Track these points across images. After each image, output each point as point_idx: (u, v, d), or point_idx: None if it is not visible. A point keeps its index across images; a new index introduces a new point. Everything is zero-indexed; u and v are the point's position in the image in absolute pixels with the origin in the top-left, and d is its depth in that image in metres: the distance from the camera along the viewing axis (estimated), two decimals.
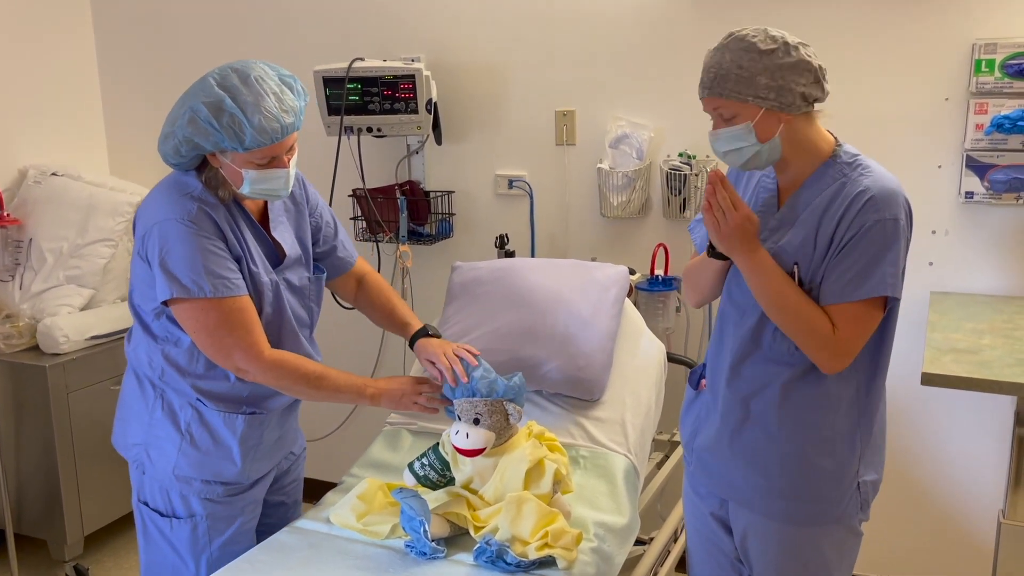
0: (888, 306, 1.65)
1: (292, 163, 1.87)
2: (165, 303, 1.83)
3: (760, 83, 1.59)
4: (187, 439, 1.93)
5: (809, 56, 1.61)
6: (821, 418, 1.69)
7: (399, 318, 2.19)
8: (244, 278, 1.88)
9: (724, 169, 1.80)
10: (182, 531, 1.97)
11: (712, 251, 1.75)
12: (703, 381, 1.89)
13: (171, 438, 1.93)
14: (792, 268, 1.65)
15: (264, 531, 2.09)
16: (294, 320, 2.01)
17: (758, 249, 1.65)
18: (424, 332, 2.12)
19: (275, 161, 1.83)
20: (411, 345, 2.13)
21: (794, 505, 1.72)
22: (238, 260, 1.88)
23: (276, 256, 1.99)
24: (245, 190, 1.83)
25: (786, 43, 1.60)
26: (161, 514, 1.98)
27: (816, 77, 1.62)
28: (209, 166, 1.86)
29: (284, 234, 2.01)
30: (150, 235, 1.81)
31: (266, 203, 2.00)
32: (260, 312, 1.92)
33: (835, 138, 1.72)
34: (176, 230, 1.79)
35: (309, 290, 2.07)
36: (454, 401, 1.97)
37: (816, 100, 1.64)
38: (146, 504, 2.00)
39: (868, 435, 1.72)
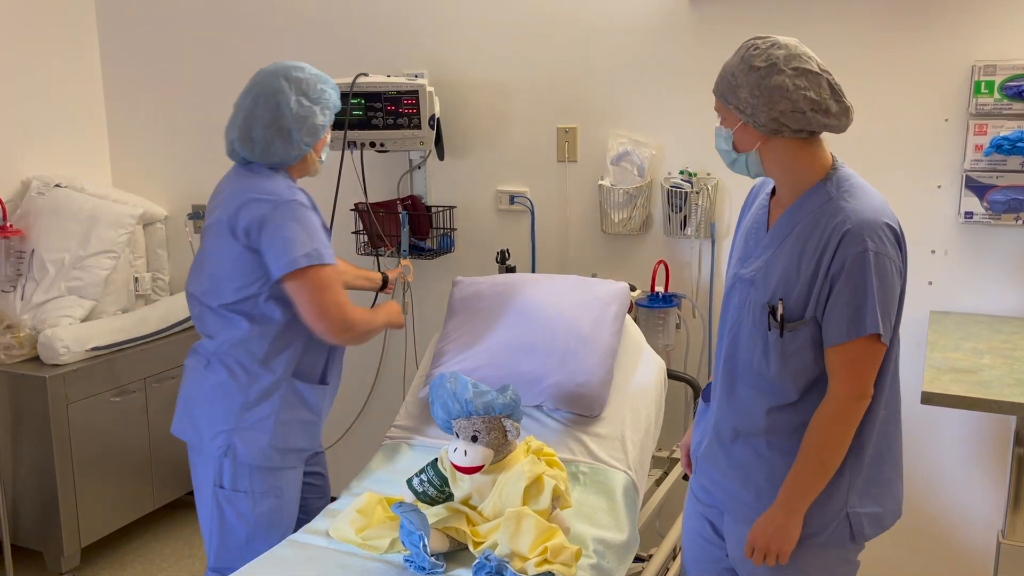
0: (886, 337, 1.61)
1: None
2: (281, 278, 2.03)
3: (741, 96, 1.62)
4: (283, 414, 2.12)
5: (795, 86, 1.57)
6: None
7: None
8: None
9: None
10: (264, 505, 2.14)
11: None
12: None
13: (268, 416, 2.11)
14: (777, 303, 1.64)
15: (306, 506, 2.33)
16: None
17: (795, 515, 1.67)
18: None
19: None
20: None
21: None
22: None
23: None
24: (325, 154, 2.23)
25: (773, 64, 1.58)
26: (245, 493, 2.13)
27: (797, 108, 1.58)
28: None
29: None
30: (268, 213, 2.01)
31: None
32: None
33: (834, 160, 1.69)
34: (293, 210, 2.03)
35: None
36: (453, 420, 1.97)
37: (798, 131, 1.61)
38: (223, 487, 2.13)
39: (859, 465, 1.69)
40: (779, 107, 1.58)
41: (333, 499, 2.23)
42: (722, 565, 1.88)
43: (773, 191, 1.77)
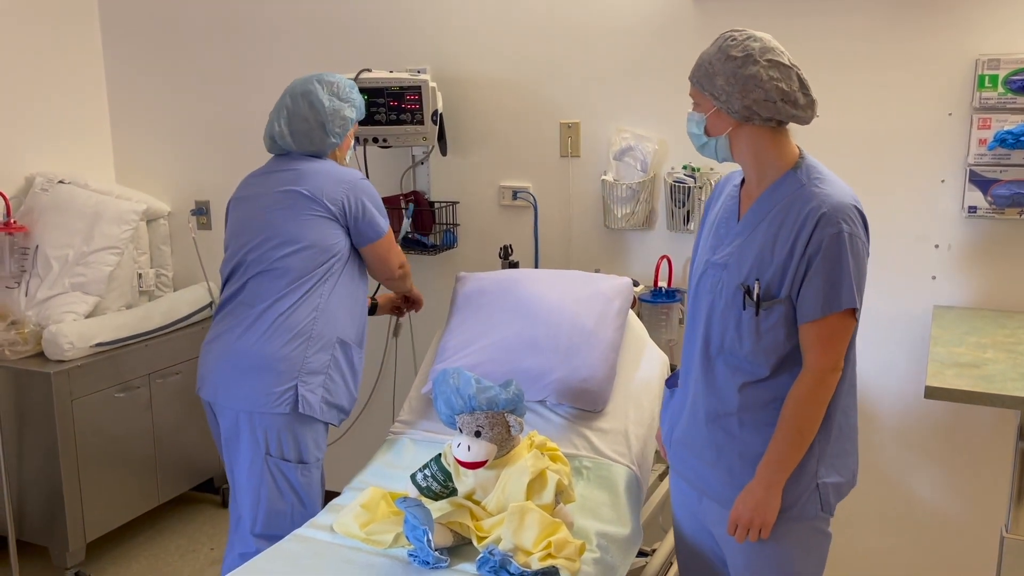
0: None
1: None
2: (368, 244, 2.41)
3: (717, 83, 1.69)
4: (336, 373, 2.35)
5: (768, 77, 1.65)
6: (776, 420, 1.73)
7: None
8: None
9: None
10: (311, 474, 2.35)
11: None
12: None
13: (322, 373, 2.32)
14: (753, 283, 1.70)
15: None
16: None
17: (773, 488, 1.71)
18: None
19: None
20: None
21: None
22: None
23: None
24: (349, 155, 2.53)
25: (749, 55, 1.66)
26: (291, 462, 2.31)
27: (768, 97, 1.66)
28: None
29: None
30: (351, 192, 2.34)
31: None
32: None
33: (800, 151, 1.76)
34: (369, 187, 2.40)
35: None
36: (456, 415, 1.97)
37: (768, 119, 1.68)
38: (271, 455, 2.30)
39: (826, 437, 1.75)
40: (752, 95, 1.67)
41: (336, 494, 2.23)
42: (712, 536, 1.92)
43: (741, 183, 1.83)
